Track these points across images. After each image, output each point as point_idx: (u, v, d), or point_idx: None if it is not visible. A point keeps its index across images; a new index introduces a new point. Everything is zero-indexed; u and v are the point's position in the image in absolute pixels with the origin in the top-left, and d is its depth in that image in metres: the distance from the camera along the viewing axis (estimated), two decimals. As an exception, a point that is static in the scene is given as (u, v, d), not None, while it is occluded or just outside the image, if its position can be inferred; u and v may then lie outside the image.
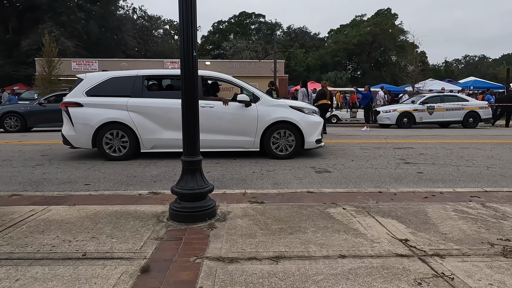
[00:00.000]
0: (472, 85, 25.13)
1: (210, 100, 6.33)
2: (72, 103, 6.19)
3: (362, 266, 2.13)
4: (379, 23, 48.08)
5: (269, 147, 6.33)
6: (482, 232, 2.68)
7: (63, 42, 27.30)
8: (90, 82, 6.32)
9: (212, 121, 6.15)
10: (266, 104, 6.37)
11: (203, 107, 6.06)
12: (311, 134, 6.41)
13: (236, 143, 6.33)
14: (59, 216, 3.04)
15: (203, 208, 2.90)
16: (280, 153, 6.36)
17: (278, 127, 6.30)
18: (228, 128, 6.25)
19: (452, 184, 4.59)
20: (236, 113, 6.26)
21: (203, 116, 6.12)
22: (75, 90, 6.34)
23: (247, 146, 6.34)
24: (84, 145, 6.24)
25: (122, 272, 2.03)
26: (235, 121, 6.26)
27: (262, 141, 6.31)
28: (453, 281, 1.95)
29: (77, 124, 6.12)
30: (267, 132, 6.28)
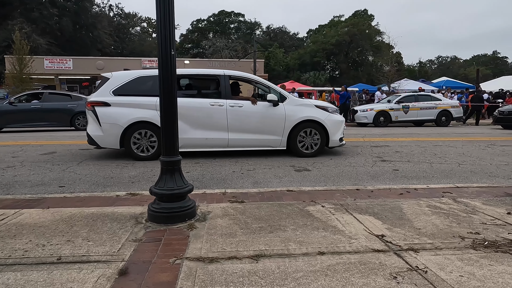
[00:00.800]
0: (445, 85, 26.05)
1: (239, 99, 6.39)
2: (99, 102, 6.03)
3: (340, 262, 2.17)
4: (356, 23, 49.03)
5: (296, 145, 6.43)
6: (454, 227, 2.79)
7: (34, 39, 26.30)
8: (117, 81, 6.16)
9: (241, 120, 6.22)
10: (293, 104, 6.49)
11: (232, 106, 6.20)
12: (335, 133, 6.58)
13: (264, 142, 6.39)
14: (32, 219, 2.93)
15: (182, 209, 2.87)
16: (306, 151, 6.47)
17: (304, 126, 6.42)
18: (256, 127, 6.30)
19: (426, 180, 4.76)
20: (265, 113, 6.32)
21: (232, 115, 6.25)
22: (101, 89, 6.15)
23: (275, 144, 6.43)
24: (112, 145, 6.11)
25: (99, 276, 1.99)
26: (264, 120, 6.31)
27: (289, 139, 6.40)
28: (427, 274, 2.03)
29: (104, 124, 5.98)
30: (294, 131, 6.38)
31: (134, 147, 6.08)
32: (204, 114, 6.10)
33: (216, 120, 6.16)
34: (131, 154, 6.12)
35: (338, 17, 55.80)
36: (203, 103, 6.16)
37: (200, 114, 6.12)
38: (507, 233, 2.66)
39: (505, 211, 3.20)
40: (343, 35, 48.14)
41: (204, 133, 6.14)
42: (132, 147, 6.06)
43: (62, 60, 24.04)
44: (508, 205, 3.37)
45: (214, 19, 57.63)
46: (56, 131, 12.66)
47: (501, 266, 2.13)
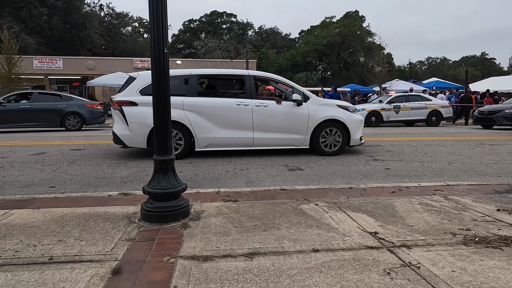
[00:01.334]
0: (435, 85, 26.41)
1: (264, 99, 6.49)
2: (126, 102, 6.04)
3: (334, 259, 2.19)
4: (348, 25, 49.36)
5: (318, 144, 6.57)
6: (445, 223, 2.83)
7: (23, 39, 25.91)
8: (144, 81, 6.16)
9: (266, 120, 6.33)
10: (316, 103, 6.62)
11: (257, 106, 6.32)
12: (356, 132, 6.72)
13: (288, 141, 6.49)
14: (22, 220, 2.89)
15: (176, 208, 2.86)
16: (328, 150, 6.61)
17: (326, 125, 6.56)
18: (281, 126, 6.41)
19: (417, 179, 4.81)
20: (289, 112, 6.43)
21: (257, 115, 6.36)
22: (128, 89, 6.18)
23: (298, 143, 6.53)
24: (139, 144, 6.11)
25: (92, 275, 1.97)
26: (288, 120, 6.42)
27: (311, 138, 6.51)
28: (419, 269, 2.05)
29: (132, 124, 5.99)
30: (317, 130, 6.51)
31: None
32: (230, 114, 6.23)
33: (242, 119, 6.28)
34: None
35: (329, 18, 56.12)
36: (229, 103, 6.28)
37: (226, 114, 6.24)
38: (497, 229, 2.70)
39: (494, 208, 3.25)
40: (334, 36, 48.44)
41: (230, 133, 6.26)
42: None
43: (52, 60, 23.70)
44: (498, 202, 3.43)
45: (206, 19, 57.48)
46: (46, 131, 12.48)
47: (492, 261, 2.17)
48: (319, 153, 6.59)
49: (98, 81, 20.11)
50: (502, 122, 13.10)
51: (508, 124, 13.02)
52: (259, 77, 6.82)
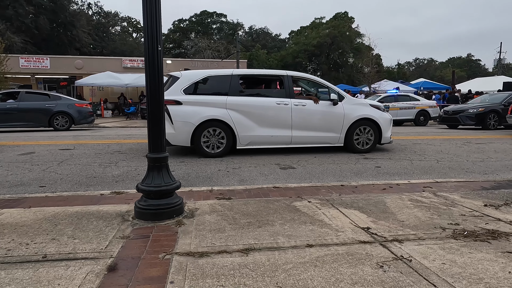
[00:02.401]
0: (422, 86, 26.84)
1: (302, 98, 6.71)
2: (172, 101, 6.13)
3: (328, 254, 2.22)
4: (337, 25, 49.76)
5: (352, 142, 6.80)
6: (435, 218, 2.90)
7: (9, 37, 25.38)
8: (188, 80, 6.32)
9: (304, 119, 6.54)
10: (350, 103, 6.87)
11: (296, 105, 6.54)
12: (387, 130, 7.00)
13: (323, 139, 6.73)
14: (13, 219, 2.85)
15: (170, 205, 2.86)
16: (361, 147, 6.84)
17: (360, 123, 6.79)
18: (318, 125, 6.63)
19: (407, 176, 4.90)
20: (326, 111, 6.66)
21: (296, 113, 6.52)
22: (172, 88, 6.27)
23: (333, 141, 6.78)
24: (183, 142, 6.21)
25: (87, 272, 1.96)
26: (324, 119, 6.65)
27: (345, 136, 6.75)
28: (411, 262, 2.10)
29: (176, 122, 6.10)
30: (351, 129, 6.74)
31: (204, 145, 6.25)
32: (270, 113, 6.42)
33: (281, 118, 6.46)
34: (200, 152, 6.30)
35: (319, 19, 56.49)
36: (269, 102, 6.47)
37: (267, 113, 6.43)
38: (485, 223, 2.78)
39: (482, 203, 3.34)
40: (324, 36, 48.77)
41: (269, 131, 6.44)
42: (202, 145, 6.24)
43: (39, 59, 23.27)
44: (485, 198, 3.52)
45: (196, 19, 57.22)
46: (33, 131, 12.27)
47: (480, 253, 2.23)
48: (352, 151, 6.84)
49: (86, 81, 19.84)
50: (466, 122, 13.13)
51: (472, 123, 13.04)
52: (296, 77, 6.99)
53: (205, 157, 6.22)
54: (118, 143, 8.44)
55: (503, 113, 12.64)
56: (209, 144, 6.29)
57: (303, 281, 1.88)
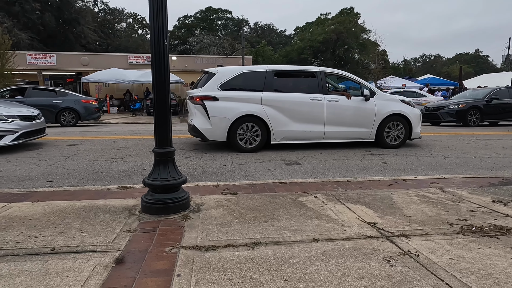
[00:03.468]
0: (429, 82, 26.57)
1: (335, 94, 6.81)
2: (209, 97, 6.27)
3: (335, 248, 2.22)
4: (343, 21, 49.35)
5: (383, 137, 6.90)
6: (442, 214, 2.88)
7: (16, 34, 25.56)
8: (224, 76, 6.44)
9: (337, 114, 6.65)
10: (382, 99, 6.96)
11: (329, 101, 6.65)
12: (417, 126, 7.10)
13: (355, 134, 6.82)
14: (22, 212, 2.88)
15: (176, 200, 2.87)
16: (392, 143, 6.94)
17: (391, 119, 6.89)
18: (351, 120, 6.73)
19: (413, 172, 4.86)
20: (358, 107, 6.76)
21: (329, 109, 6.61)
22: (209, 84, 6.39)
23: (365, 137, 6.87)
24: (220, 138, 6.34)
25: (95, 265, 1.98)
26: (357, 114, 6.74)
27: (377, 132, 6.83)
28: (418, 257, 2.09)
29: (213, 118, 6.21)
30: (382, 124, 6.84)
31: (239, 140, 6.35)
32: (304, 108, 6.52)
33: (315, 114, 6.57)
34: (236, 147, 6.39)
35: (325, 15, 56.08)
36: (303, 98, 6.56)
37: (301, 108, 6.52)
38: (493, 219, 2.76)
39: (490, 199, 3.31)
40: (329, 32, 48.43)
41: (303, 126, 6.56)
42: (237, 140, 6.34)
43: (46, 56, 23.42)
44: (493, 194, 3.49)
45: (201, 15, 57.12)
46: (40, 127, 12.36)
47: (489, 249, 2.21)
48: (383, 146, 6.92)
49: (92, 77, 19.94)
50: (446, 119, 12.85)
51: (452, 120, 12.75)
52: (329, 73, 7.07)
53: (240, 152, 6.32)
54: (124, 139, 8.49)
55: (485, 109, 12.34)
56: (244, 139, 6.38)
57: (310, 275, 1.87)
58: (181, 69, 23.74)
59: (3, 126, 6.23)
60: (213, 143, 7.43)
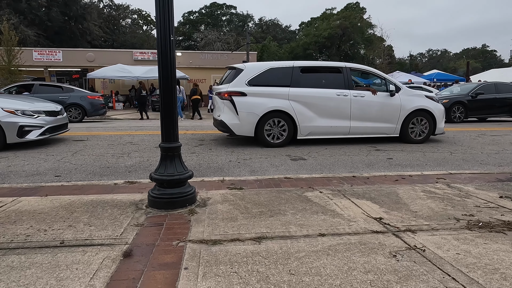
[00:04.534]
0: (436, 77, 26.32)
1: (361, 90, 6.86)
2: (237, 92, 6.34)
3: (341, 243, 2.22)
4: (348, 16, 48.94)
5: (407, 133, 6.95)
6: (449, 209, 2.87)
7: (22, 30, 25.73)
8: (251, 72, 6.51)
9: (362, 109, 6.68)
10: (407, 94, 6.98)
11: (355, 96, 6.68)
12: (441, 121, 7.14)
13: (380, 130, 6.87)
14: (31, 206, 2.92)
15: (183, 194, 2.89)
16: (416, 138, 6.97)
17: (415, 114, 6.92)
18: (376, 115, 6.77)
19: (419, 168, 4.84)
20: (383, 102, 6.80)
21: (355, 104, 6.67)
22: (237, 80, 6.48)
23: (389, 132, 6.92)
24: (247, 133, 6.44)
25: (104, 258, 2.01)
26: (382, 110, 6.78)
27: (401, 127, 6.88)
28: (425, 252, 2.09)
29: (241, 113, 6.29)
30: (407, 119, 6.88)
31: (266, 135, 6.41)
32: (330, 104, 6.58)
33: (341, 109, 6.61)
34: (263, 141, 6.45)
35: (330, 10, 55.63)
36: (330, 93, 6.61)
37: (327, 104, 6.58)
38: (500, 214, 2.74)
39: (497, 195, 3.29)
40: (335, 28, 48.06)
41: (329, 121, 6.62)
42: (264, 135, 6.40)
43: (52, 52, 23.55)
44: (500, 190, 3.47)
45: (205, 11, 56.96)
46: (47, 123, 12.47)
47: (496, 244, 2.21)
48: (407, 141, 6.95)
49: (98, 73, 20.03)
50: None
51: None
52: (354, 69, 7.11)
53: (266, 147, 6.38)
54: (130, 135, 8.54)
55: (470, 105, 12.09)
56: (271, 134, 6.43)
57: (316, 269, 1.89)
58: (186, 65, 23.74)
59: (30, 121, 6.30)
60: (219, 139, 7.45)
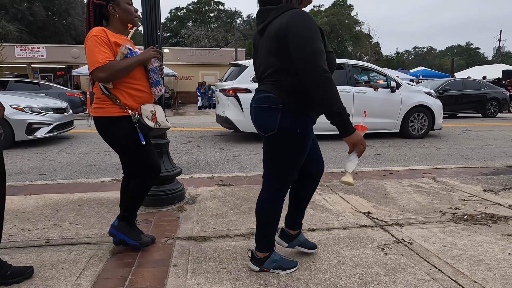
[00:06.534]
0: (422, 74, 26.72)
1: (363, 86, 6.90)
2: (242, 89, 6.31)
3: (330, 237, 2.24)
4: (336, 13, 49.24)
5: (407, 128, 7.09)
6: (435, 203, 2.92)
7: (4, 26, 25.02)
8: None
9: (364, 106, 6.62)
10: (407, 90, 7.11)
11: (357, 93, 6.71)
12: (439, 117, 7.31)
13: (381, 125, 6.96)
14: (14, 206, 2.85)
15: (171, 191, 2.86)
16: (415, 133, 7.12)
17: (415, 110, 7.06)
18: (378, 111, 6.83)
19: (406, 163, 4.91)
20: (384, 98, 6.89)
21: (357, 101, 6.66)
22: (241, 77, 6.46)
23: (390, 127, 7.03)
24: (252, 129, 6.30)
25: (90, 256, 1.97)
26: (383, 105, 6.88)
27: (401, 123, 7.01)
28: (412, 245, 2.12)
29: (247, 110, 6.21)
30: (406, 115, 7.01)
31: None
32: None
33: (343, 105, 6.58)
34: None
35: (317, 7, 55.86)
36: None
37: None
38: (484, 207, 2.80)
39: (481, 188, 3.36)
40: (323, 25, 48.20)
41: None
42: None
43: (35, 48, 22.96)
44: (484, 183, 3.54)
45: (193, 7, 56.41)
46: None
47: (480, 236, 2.25)
48: (408, 137, 7.09)
49: (83, 70, 19.64)
50: None
51: None
52: (356, 65, 7.16)
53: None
54: (116, 132, 8.40)
55: None
56: None
57: (305, 263, 1.89)
58: (173, 61, 23.48)
59: (39, 118, 6.16)
60: (208, 136, 7.41)
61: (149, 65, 1.96)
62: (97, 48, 1.78)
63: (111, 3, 1.90)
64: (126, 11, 1.94)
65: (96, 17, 1.93)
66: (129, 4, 1.97)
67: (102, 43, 1.80)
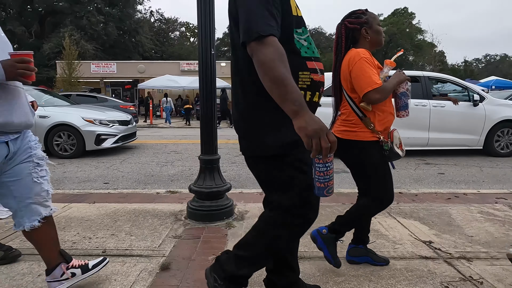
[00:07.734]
0: (494, 85, 24.36)
1: (441, 100, 6.68)
2: None
3: (385, 268, 2.06)
4: (396, 22, 47.22)
5: (493, 145, 6.60)
6: (511, 235, 2.57)
7: (83, 45, 27.94)
8: None
9: (442, 120, 6.41)
10: (492, 104, 6.66)
11: (435, 106, 6.41)
12: None
13: (461, 141, 6.57)
14: (79, 213, 3.08)
15: (220, 207, 2.88)
16: (502, 151, 6.62)
17: (503, 125, 6.56)
18: (457, 126, 6.48)
19: (475, 185, 4.44)
20: (465, 112, 6.50)
21: (434, 115, 6.47)
22: None
23: (472, 144, 6.60)
24: None
25: (141, 270, 2.04)
26: (464, 120, 6.49)
27: (485, 139, 6.56)
28: (482, 285, 1.87)
29: None
30: (491, 131, 6.53)
31: None
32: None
33: (419, 119, 6.34)
34: None
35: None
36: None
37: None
38: None
39: None
40: (382, 34, 46.55)
41: (406, 132, 6.40)
42: None
43: (107, 64, 25.31)
44: None
45: (250, 21, 58.01)
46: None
47: None
48: (493, 154, 6.56)
49: (147, 84, 21.12)
50: None
51: None
52: (432, 77, 6.93)
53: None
54: (174, 143, 8.83)
55: None
56: None
57: (356, 297, 1.76)
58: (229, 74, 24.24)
59: (106, 130, 6.81)
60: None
61: (400, 88, 1.96)
62: (370, 70, 1.80)
63: (365, 26, 1.92)
64: (378, 33, 1.94)
65: (348, 40, 1.95)
66: (379, 25, 1.96)
67: (372, 65, 1.83)
